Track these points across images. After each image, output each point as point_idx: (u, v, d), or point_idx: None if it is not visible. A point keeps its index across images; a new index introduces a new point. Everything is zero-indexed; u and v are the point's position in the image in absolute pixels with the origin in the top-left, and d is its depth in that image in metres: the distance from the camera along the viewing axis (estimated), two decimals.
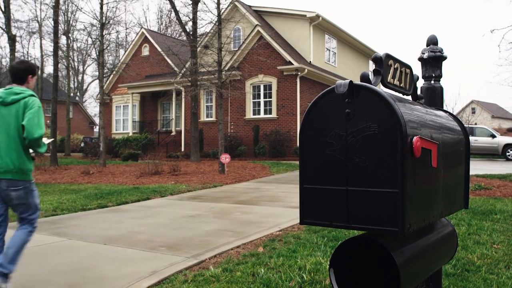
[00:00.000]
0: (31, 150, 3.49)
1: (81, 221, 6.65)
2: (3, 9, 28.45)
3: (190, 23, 18.51)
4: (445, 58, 2.64)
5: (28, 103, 3.37)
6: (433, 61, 2.64)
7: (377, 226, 1.63)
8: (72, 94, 40.29)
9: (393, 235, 1.61)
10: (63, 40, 33.15)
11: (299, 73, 19.91)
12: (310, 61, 21.85)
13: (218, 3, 15.49)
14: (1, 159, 3.33)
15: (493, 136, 19.84)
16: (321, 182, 1.75)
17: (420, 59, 2.69)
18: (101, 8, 18.37)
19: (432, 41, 2.65)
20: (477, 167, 14.07)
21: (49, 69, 58.88)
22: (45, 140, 3.52)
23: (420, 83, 2.51)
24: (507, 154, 19.45)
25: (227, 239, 5.24)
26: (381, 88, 1.75)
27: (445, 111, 2.40)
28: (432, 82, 2.66)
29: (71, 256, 4.60)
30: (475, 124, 40.54)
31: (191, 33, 18.45)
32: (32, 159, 3.48)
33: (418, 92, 2.33)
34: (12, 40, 28.20)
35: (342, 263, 1.86)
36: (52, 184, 13.45)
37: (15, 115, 3.35)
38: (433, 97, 2.62)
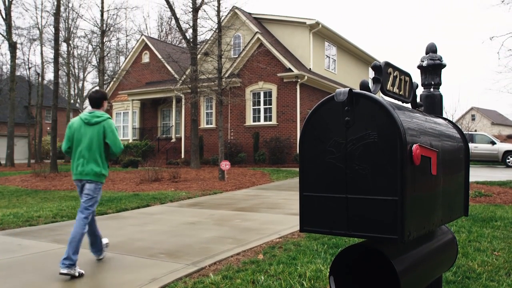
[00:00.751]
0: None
1: None
2: (4, 16, 28.63)
3: (190, 31, 18.59)
4: (444, 66, 2.66)
5: (108, 125, 4.43)
6: (432, 69, 2.65)
7: (377, 234, 1.63)
8: (72, 101, 40.33)
9: (393, 242, 1.61)
10: (63, 47, 33.33)
11: (299, 80, 19.96)
12: (310, 68, 21.91)
13: (218, 11, 15.58)
14: (85, 166, 4.34)
15: (493, 143, 19.84)
16: (321, 190, 1.76)
17: (420, 67, 2.70)
18: (102, 15, 18.48)
19: (432, 49, 2.66)
20: (477, 174, 14.07)
21: (49, 76, 59.08)
22: None
23: (420, 90, 2.53)
24: (507, 161, 19.44)
25: (227, 246, 5.22)
26: (380, 96, 1.76)
27: (445, 119, 2.40)
28: (432, 89, 2.67)
29: None
30: (475, 131, 40.56)
31: (191, 40, 18.52)
32: (107, 166, 4.50)
33: (418, 99, 2.34)
34: (13, 47, 28.36)
35: (342, 271, 1.86)
36: (52, 190, 13.44)
37: (97, 134, 4.37)
38: (433, 104, 2.63)
